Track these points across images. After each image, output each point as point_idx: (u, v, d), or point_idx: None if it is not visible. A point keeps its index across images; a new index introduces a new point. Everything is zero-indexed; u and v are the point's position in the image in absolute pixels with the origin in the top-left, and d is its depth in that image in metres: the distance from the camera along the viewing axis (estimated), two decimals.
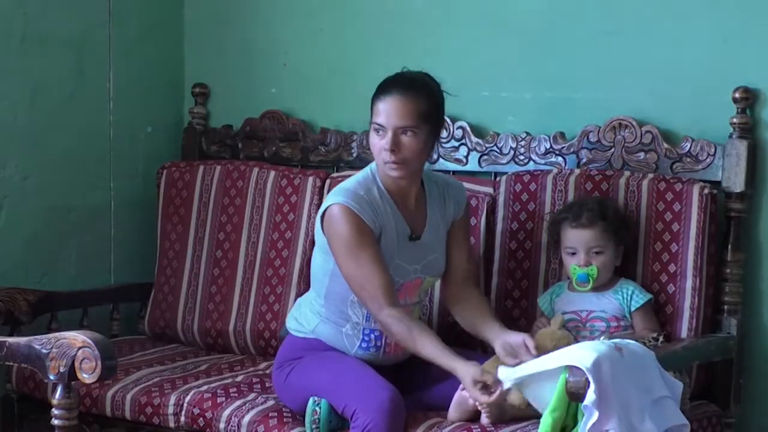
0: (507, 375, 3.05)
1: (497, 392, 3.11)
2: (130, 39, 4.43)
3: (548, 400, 2.98)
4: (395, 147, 3.33)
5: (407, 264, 3.45)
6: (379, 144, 3.37)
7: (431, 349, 3.25)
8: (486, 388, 3.14)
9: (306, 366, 3.46)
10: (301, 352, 3.52)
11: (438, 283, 3.73)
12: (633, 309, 3.49)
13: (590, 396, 2.88)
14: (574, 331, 3.48)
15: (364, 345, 3.49)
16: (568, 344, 3.34)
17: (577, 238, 3.52)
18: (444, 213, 3.55)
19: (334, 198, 3.40)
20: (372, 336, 3.48)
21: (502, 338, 3.33)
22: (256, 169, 4.20)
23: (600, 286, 3.53)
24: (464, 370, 3.15)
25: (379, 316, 3.34)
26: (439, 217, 3.54)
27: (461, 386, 3.23)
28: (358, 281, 3.36)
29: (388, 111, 3.34)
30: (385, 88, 3.39)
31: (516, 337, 3.30)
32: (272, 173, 4.17)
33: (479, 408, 3.23)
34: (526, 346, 3.26)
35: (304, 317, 3.58)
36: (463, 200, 3.61)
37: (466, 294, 3.56)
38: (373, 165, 3.49)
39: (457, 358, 3.20)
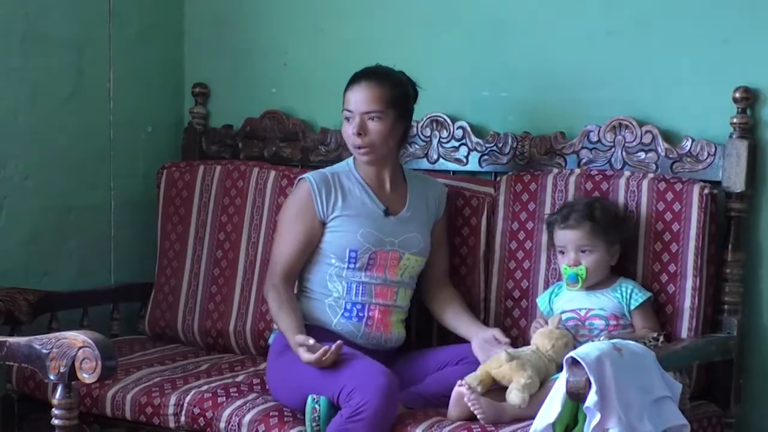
0: (545, 419, 3.04)
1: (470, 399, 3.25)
2: (131, 39, 4.43)
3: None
4: (362, 131, 3.59)
5: (382, 234, 3.63)
6: (347, 130, 3.63)
7: (285, 325, 3.53)
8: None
9: (297, 358, 3.46)
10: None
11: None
12: (632, 307, 3.50)
13: (592, 397, 2.88)
14: (573, 330, 3.48)
15: (346, 314, 3.62)
16: (567, 343, 3.36)
17: (565, 238, 3.54)
18: (427, 206, 3.74)
19: (306, 174, 3.71)
20: (354, 308, 3.62)
21: (477, 337, 3.55)
22: (256, 169, 4.20)
23: (598, 285, 3.54)
24: (299, 350, 3.39)
25: (266, 285, 3.66)
26: (422, 206, 3.72)
27: (458, 383, 3.30)
28: (273, 249, 3.72)
29: (356, 98, 3.60)
30: (355, 78, 3.65)
31: (487, 333, 3.53)
32: (272, 173, 4.16)
33: (471, 408, 3.25)
34: (496, 339, 3.49)
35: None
36: (443, 200, 3.80)
37: (441, 292, 3.76)
38: (350, 158, 3.74)
39: (296, 336, 3.44)
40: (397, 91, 3.62)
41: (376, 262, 3.62)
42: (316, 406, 3.34)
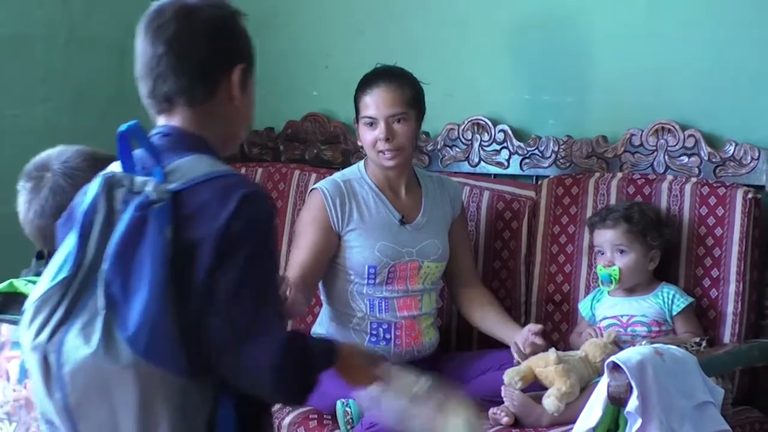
0: (586, 423, 3.03)
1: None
2: None
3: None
4: (390, 135, 3.51)
5: (399, 246, 3.55)
6: (371, 136, 3.55)
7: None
8: None
9: None
10: None
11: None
12: (674, 313, 3.48)
13: (633, 402, 2.87)
14: (615, 336, 3.47)
15: (373, 339, 3.56)
16: None
17: (602, 238, 3.54)
18: (443, 208, 3.67)
19: (318, 183, 3.65)
20: (380, 329, 3.56)
21: (515, 341, 3.47)
22: (297, 172, 4.21)
23: (640, 291, 3.53)
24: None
25: None
26: (437, 209, 3.65)
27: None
28: (288, 262, 3.58)
29: (377, 102, 3.53)
30: (368, 82, 3.59)
31: (522, 335, 3.45)
32: (313, 176, 4.17)
33: (503, 396, 3.30)
34: (533, 334, 3.41)
35: (321, 321, 3.68)
36: (459, 199, 3.75)
37: (472, 294, 3.70)
38: (360, 163, 3.67)
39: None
40: (414, 90, 3.58)
41: (396, 275, 3.56)
42: (347, 409, 3.35)
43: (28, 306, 2.05)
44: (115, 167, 2.12)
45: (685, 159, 3.72)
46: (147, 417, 1.98)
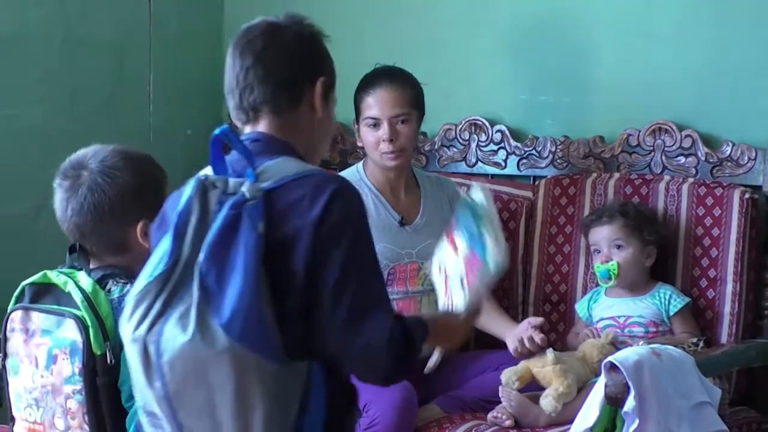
0: (583, 423, 3.03)
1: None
2: (170, 42, 4.45)
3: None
4: (393, 136, 3.51)
5: (398, 248, 3.54)
6: (374, 136, 3.54)
7: None
8: None
9: None
10: None
11: None
12: (671, 313, 3.48)
13: (630, 402, 2.87)
14: (613, 337, 3.46)
15: None
16: None
17: (599, 235, 3.55)
18: (442, 208, 3.65)
19: None
20: None
21: (510, 335, 3.43)
22: None
23: (636, 291, 3.53)
24: None
25: None
26: (436, 210, 3.63)
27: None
28: None
29: (380, 103, 3.52)
30: (370, 82, 3.58)
31: (521, 328, 3.40)
32: None
33: (501, 396, 3.31)
34: (533, 327, 3.37)
35: None
36: (457, 197, 3.67)
37: None
38: (359, 164, 3.66)
39: None
40: (415, 90, 3.58)
41: (395, 277, 3.55)
42: None
43: (128, 301, 2.16)
44: (207, 171, 2.26)
45: (683, 159, 3.72)
46: (243, 401, 2.07)
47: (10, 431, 2.61)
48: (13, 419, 2.60)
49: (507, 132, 4.01)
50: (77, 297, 2.47)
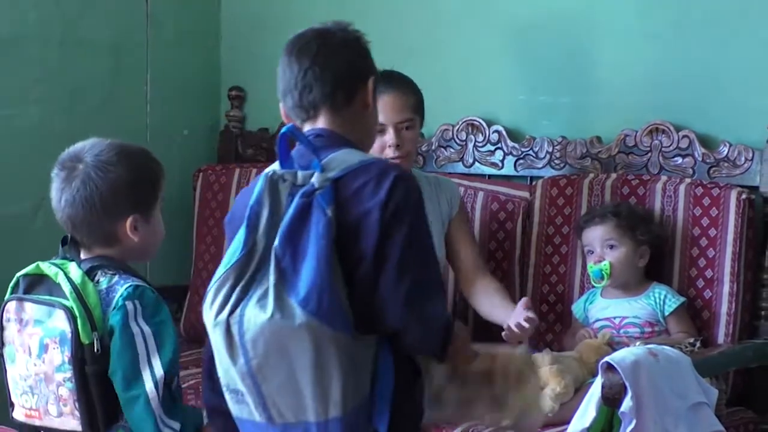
0: (579, 424, 3.04)
1: None
2: (168, 42, 4.46)
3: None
4: (400, 142, 3.49)
5: None
6: (380, 142, 3.49)
7: None
8: None
9: None
10: None
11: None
12: (667, 313, 3.48)
13: (627, 403, 2.87)
14: (610, 338, 3.47)
15: None
16: None
17: (591, 235, 3.55)
18: (440, 209, 3.63)
19: None
20: None
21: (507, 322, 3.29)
22: None
23: (631, 291, 3.53)
24: None
25: None
26: (434, 211, 3.58)
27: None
28: None
29: (387, 109, 3.46)
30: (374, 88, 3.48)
31: (516, 312, 3.25)
32: None
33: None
34: (525, 308, 3.24)
35: None
36: (456, 197, 3.70)
37: (479, 286, 3.58)
38: None
39: None
40: (417, 96, 3.57)
41: None
42: None
43: (210, 290, 2.32)
44: (274, 167, 2.42)
45: (680, 160, 3.72)
46: (321, 372, 2.24)
47: (10, 416, 2.69)
48: (12, 405, 2.68)
49: (504, 132, 4.01)
50: (66, 288, 2.54)
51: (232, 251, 2.31)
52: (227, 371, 2.34)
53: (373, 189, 2.32)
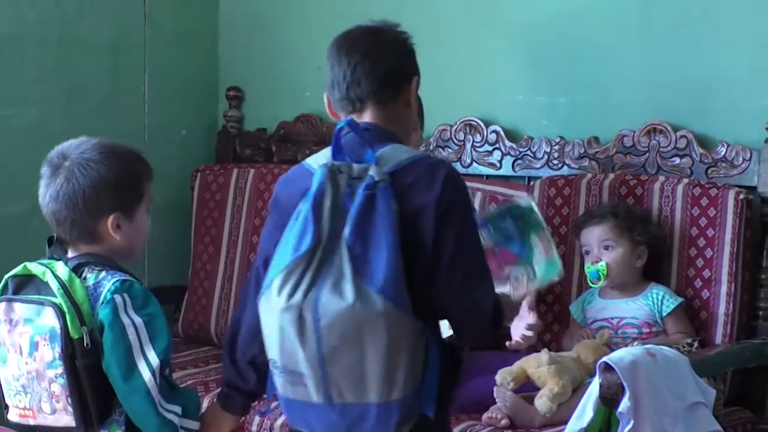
0: (577, 424, 3.03)
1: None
2: (166, 42, 4.46)
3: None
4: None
5: None
6: None
7: None
8: None
9: None
10: None
11: None
12: (664, 314, 3.48)
13: (625, 403, 2.87)
14: (608, 338, 3.47)
15: None
16: None
17: (589, 235, 3.56)
18: None
19: None
20: None
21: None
22: None
23: (629, 292, 3.53)
24: None
25: None
26: None
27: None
28: None
29: None
30: None
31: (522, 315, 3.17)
32: None
33: (495, 396, 3.29)
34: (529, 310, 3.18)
35: None
36: None
37: None
38: None
39: None
40: (419, 100, 3.54)
41: None
42: None
43: (275, 277, 2.39)
44: (322, 158, 2.54)
45: (677, 160, 3.72)
46: (391, 358, 2.35)
47: (5, 419, 2.69)
48: (7, 407, 2.68)
49: (502, 132, 4.01)
50: (54, 285, 2.55)
51: (296, 240, 2.40)
52: (291, 354, 2.40)
53: (427, 184, 2.46)
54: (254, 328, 2.52)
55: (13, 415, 2.66)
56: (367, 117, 2.61)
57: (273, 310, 2.40)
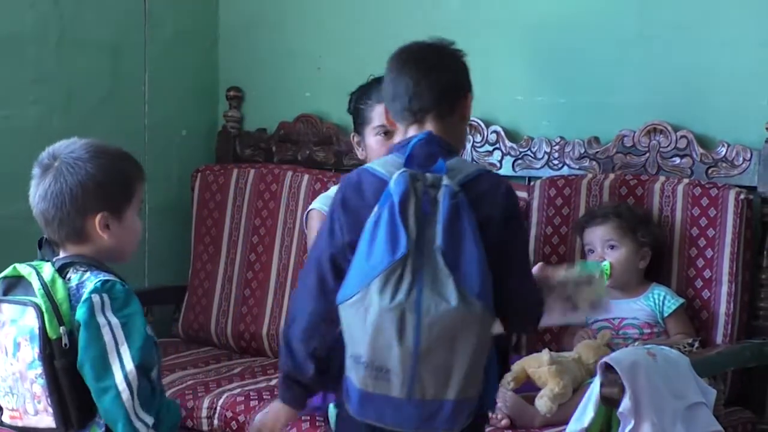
0: (578, 424, 3.03)
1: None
2: (166, 43, 4.45)
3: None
4: None
5: None
6: (386, 145, 3.38)
7: None
8: None
9: None
10: None
11: None
12: (666, 315, 3.48)
13: (625, 403, 2.87)
14: (609, 338, 3.46)
15: None
16: None
17: (592, 235, 3.55)
18: None
19: (313, 204, 3.55)
20: None
21: None
22: (290, 173, 4.21)
23: (631, 293, 3.53)
24: None
25: None
26: None
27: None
28: None
29: None
30: (378, 91, 3.42)
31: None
32: (306, 177, 4.17)
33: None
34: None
35: None
36: None
37: None
38: None
39: None
40: None
41: None
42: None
43: (372, 280, 2.51)
44: (388, 166, 2.65)
45: (678, 160, 3.72)
46: (476, 358, 2.52)
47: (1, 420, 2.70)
48: (1, 409, 2.68)
49: (502, 133, 4.01)
50: (36, 285, 2.55)
51: (385, 243, 2.52)
52: (383, 351, 2.51)
53: (493, 196, 2.63)
54: (315, 323, 2.66)
55: (5, 417, 2.66)
56: (426, 129, 2.72)
57: (370, 310, 2.51)
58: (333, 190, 3.52)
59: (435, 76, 2.75)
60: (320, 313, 2.65)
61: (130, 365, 2.52)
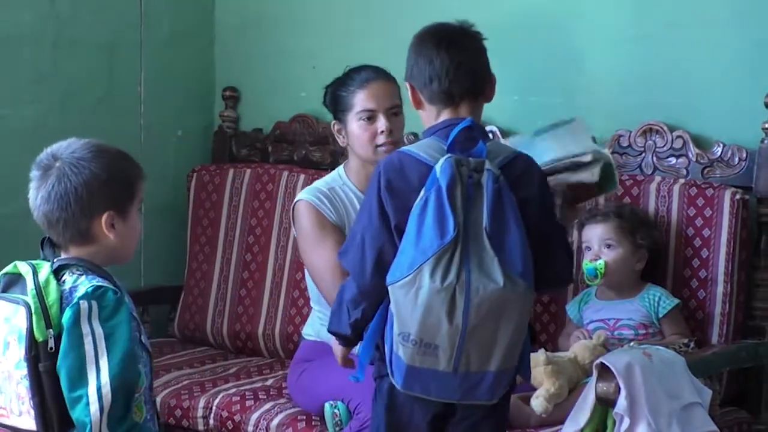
0: (574, 424, 3.03)
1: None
2: (162, 42, 4.45)
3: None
4: (392, 127, 3.49)
5: None
6: (369, 130, 3.49)
7: None
8: None
9: (316, 368, 3.47)
10: (312, 355, 3.55)
11: None
12: (661, 315, 3.48)
13: (621, 403, 2.88)
14: (605, 339, 3.46)
15: None
16: None
17: (591, 233, 3.55)
18: None
19: (298, 196, 3.55)
20: None
21: None
22: (285, 173, 4.21)
23: (626, 293, 3.53)
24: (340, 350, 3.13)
25: (328, 299, 3.36)
26: None
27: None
28: (320, 272, 3.45)
29: (377, 95, 3.50)
30: (358, 78, 3.56)
31: None
32: (302, 176, 4.17)
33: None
34: None
35: (312, 323, 3.64)
36: None
37: None
38: (340, 168, 3.63)
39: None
40: (397, 85, 3.53)
41: None
42: (336, 411, 3.35)
43: (423, 262, 2.60)
44: (430, 150, 2.73)
45: (673, 160, 3.73)
46: (517, 333, 2.65)
47: None
48: None
49: (498, 133, 4.01)
50: (30, 285, 2.53)
51: (435, 227, 2.61)
52: (431, 329, 2.62)
53: (529, 178, 2.74)
54: (357, 299, 2.78)
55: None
56: (462, 112, 2.81)
57: (420, 292, 2.61)
58: (319, 182, 3.59)
59: (473, 60, 2.84)
60: (367, 292, 2.76)
61: (105, 379, 2.45)
